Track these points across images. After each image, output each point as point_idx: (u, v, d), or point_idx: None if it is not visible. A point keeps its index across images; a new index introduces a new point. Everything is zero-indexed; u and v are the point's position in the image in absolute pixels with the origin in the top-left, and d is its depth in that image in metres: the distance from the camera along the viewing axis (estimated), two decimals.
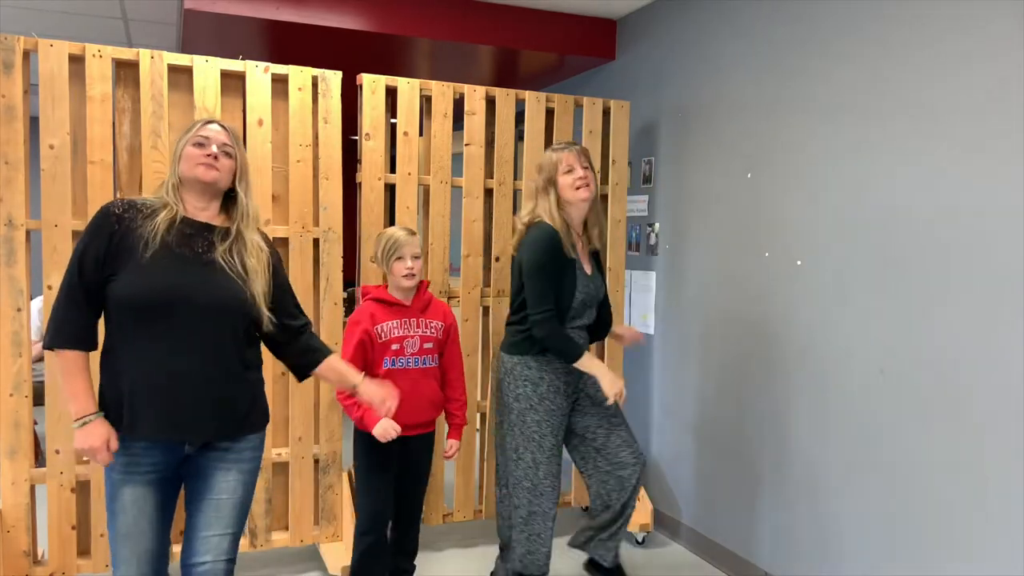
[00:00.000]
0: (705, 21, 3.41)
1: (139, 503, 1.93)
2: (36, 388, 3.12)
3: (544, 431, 2.70)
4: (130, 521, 1.93)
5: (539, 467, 2.70)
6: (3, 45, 2.68)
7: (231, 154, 2.02)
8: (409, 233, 2.68)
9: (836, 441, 2.76)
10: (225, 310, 1.94)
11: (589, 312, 2.76)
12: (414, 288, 2.69)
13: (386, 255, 2.65)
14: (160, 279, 1.87)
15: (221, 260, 1.95)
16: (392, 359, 2.65)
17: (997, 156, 2.23)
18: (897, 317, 2.53)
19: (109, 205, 1.94)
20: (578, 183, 2.64)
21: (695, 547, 3.49)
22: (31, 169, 2.78)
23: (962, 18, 2.32)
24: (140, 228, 1.90)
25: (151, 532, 1.95)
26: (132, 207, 1.94)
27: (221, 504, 1.99)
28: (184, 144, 1.98)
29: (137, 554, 1.94)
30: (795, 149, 2.94)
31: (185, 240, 1.94)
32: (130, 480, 1.92)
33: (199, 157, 1.96)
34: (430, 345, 2.71)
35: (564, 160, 2.66)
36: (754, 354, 3.14)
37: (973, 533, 2.30)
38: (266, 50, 3.99)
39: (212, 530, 1.98)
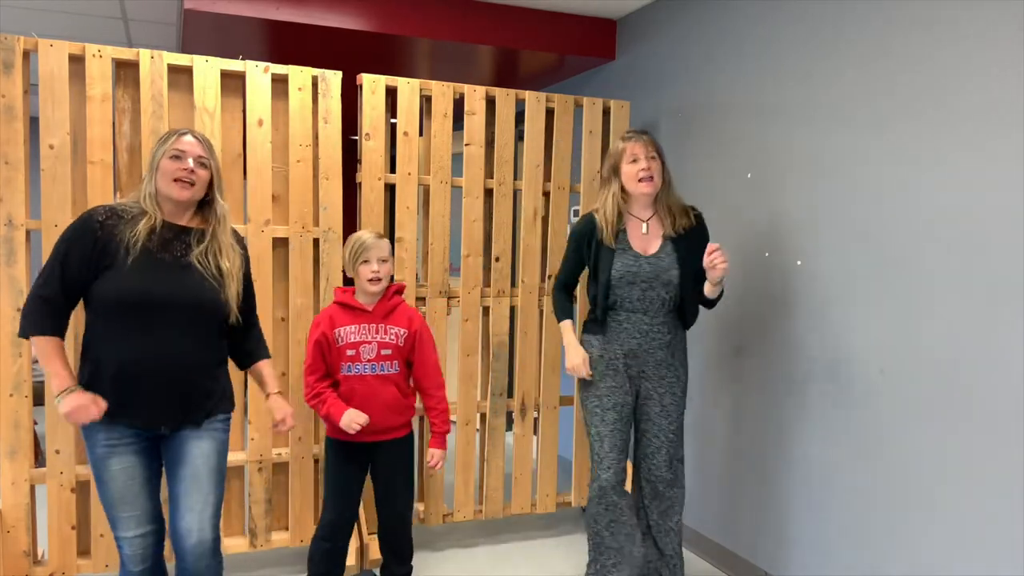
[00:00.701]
0: (705, 21, 3.41)
1: (128, 470, 2.10)
2: (36, 388, 3.11)
3: (606, 405, 2.75)
4: (121, 486, 2.10)
5: (603, 440, 2.75)
6: (3, 45, 2.68)
7: (206, 165, 2.15)
8: (377, 236, 2.65)
9: (836, 441, 2.76)
10: (199, 310, 2.12)
11: (647, 294, 2.71)
12: (380, 293, 2.66)
13: (353, 258, 2.63)
14: (141, 282, 2.03)
15: (197, 263, 2.11)
16: (348, 365, 2.63)
17: (997, 156, 2.23)
18: (897, 317, 2.53)
19: (92, 211, 2.10)
20: (640, 175, 2.67)
21: (696, 548, 3.48)
22: (31, 169, 2.79)
23: (962, 20, 2.32)
24: (121, 233, 2.05)
25: (144, 494, 2.14)
26: (113, 213, 2.11)
27: (198, 469, 2.15)
28: (160, 157, 2.10)
29: (134, 514, 2.12)
30: (795, 149, 2.94)
31: (164, 245, 2.09)
32: (114, 452, 2.09)
33: (175, 172, 2.08)
34: (388, 352, 2.66)
35: (629, 149, 2.69)
36: (754, 354, 3.14)
37: (974, 533, 2.30)
38: (266, 50, 3.99)
39: (192, 497, 2.13)
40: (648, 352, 2.76)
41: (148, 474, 2.15)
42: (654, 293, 2.72)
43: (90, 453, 2.11)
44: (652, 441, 2.83)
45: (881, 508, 2.58)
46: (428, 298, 3.31)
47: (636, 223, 2.77)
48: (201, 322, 2.13)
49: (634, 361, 2.77)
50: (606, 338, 2.76)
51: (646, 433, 2.84)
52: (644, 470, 2.87)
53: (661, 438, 2.82)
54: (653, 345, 2.76)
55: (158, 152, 2.11)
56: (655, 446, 2.82)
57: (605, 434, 2.75)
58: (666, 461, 2.83)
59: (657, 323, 2.75)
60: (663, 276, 2.72)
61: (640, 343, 2.75)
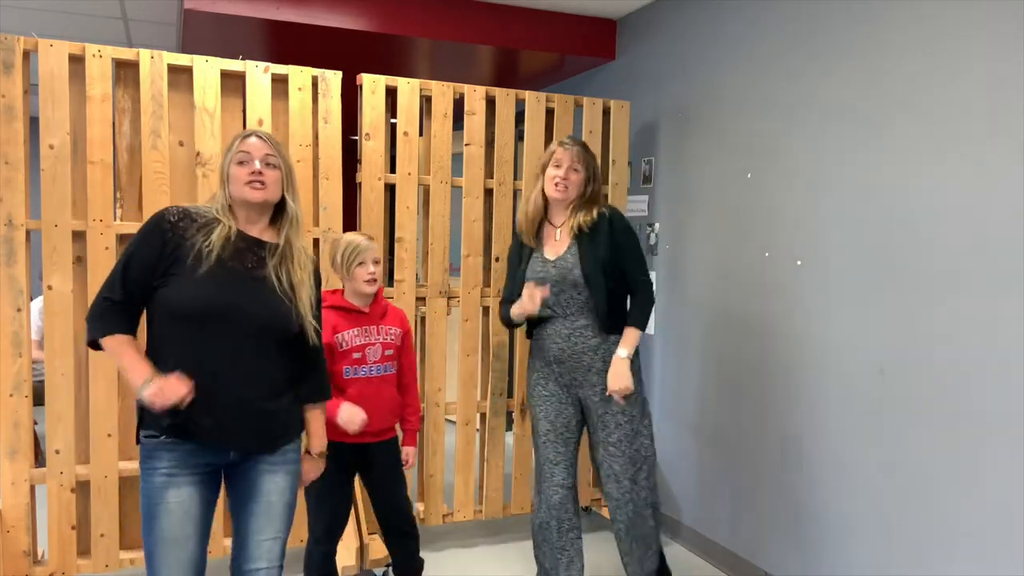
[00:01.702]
0: (705, 21, 3.41)
1: (184, 505, 1.91)
2: (36, 388, 3.11)
3: (538, 416, 2.77)
4: (175, 524, 1.89)
5: (538, 451, 2.78)
6: (3, 45, 2.68)
7: (275, 164, 2.00)
8: (369, 239, 2.66)
9: (836, 441, 2.76)
10: (271, 327, 1.97)
11: (561, 298, 2.67)
12: (373, 294, 2.67)
13: (347, 260, 2.61)
14: (213, 293, 1.90)
15: (272, 276, 1.98)
16: (354, 368, 2.62)
17: (997, 156, 2.23)
18: (897, 317, 2.53)
19: (164, 212, 1.96)
20: (556, 180, 2.69)
21: (695, 547, 3.49)
22: (31, 169, 2.78)
23: (963, 19, 2.32)
24: (193, 239, 1.92)
25: (196, 537, 1.93)
26: (186, 216, 1.95)
27: (272, 505, 2.00)
28: (228, 164, 1.98)
29: (180, 561, 1.90)
30: (795, 149, 2.94)
31: (237, 255, 1.96)
32: (175, 482, 1.90)
33: (244, 176, 1.96)
34: (391, 352, 2.68)
35: (557, 155, 2.72)
36: (754, 354, 3.14)
37: (973, 533, 2.30)
38: (266, 50, 3.99)
39: (264, 534, 2.00)
40: (574, 357, 2.68)
41: (203, 510, 1.96)
42: (566, 296, 2.68)
43: (145, 481, 1.91)
44: (599, 453, 2.74)
45: (881, 508, 2.58)
46: (428, 298, 3.31)
47: (551, 229, 2.79)
48: (272, 339, 1.98)
49: (562, 367, 2.71)
50: (537, 346, 2.79)
51: (596, 445, 2.76)
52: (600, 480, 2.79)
53: (601, 450, 2.72)
54: (577, 350, 2.67)
55: (225, 160, 1.99)
56: (599, 458, 2.75)
57: (539, 446, 2.77)
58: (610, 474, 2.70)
59: (579, 327, 2.67)
60: (568, 277, 2.67)
61: (563, 348, 2.68)
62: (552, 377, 2.74)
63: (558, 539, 2.74)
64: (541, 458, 2.75)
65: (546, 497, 2.73)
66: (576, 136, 3.57)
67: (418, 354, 3.33)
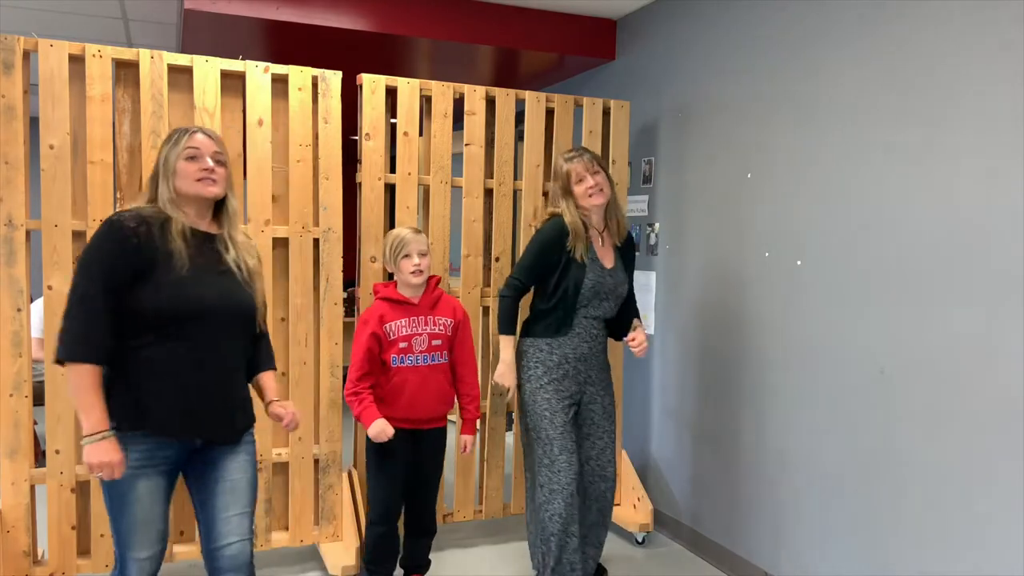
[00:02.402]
0: (705, 21, 3.41)
1: (154, 493, 2.00)
2: (36, 388, 3.11)
3: (555, 408, 2.81)
4: (146, 509, 1.99)
5: (553, 443, 2.79)
6: (3, 45, 2.68)
7: (223, 162, 2.08)
8: (415, 231, 2.76)
9: (836, 441, 2.76)
10: (241, 316, 2.07)
11: (604, 304, 2.87)
12: (423, 285, 2.76)
13: (394, 253, 2.72)
14: (194, 293, 1.96)
15: (234, 268, 2.05)
16: (400, 356, 2.71)
17: (997, 156, 2.23)
18: (897, 317, 2.53)
19: (119, 218, 1.93)
20: (590, 191, 2.80)
21: (695, 547, 3.49)
22: (31, 169, 2.78)
23: (963, 20, 2.32)
24: (157, 241, 1.94)
25: (163, 516, 2.04)
26: (142, 219, 1.95)
27: (236, 483, 2.09)
28: (176, 159, 2.01)
29: (150, 537, 2.02)
30: (795, 149, 2.94)
31: (200, 251, 2.02)
32: (143, 473, 1.97)
33: (196, 172, 2.01)
34: (439, 342, 2.77)
35: (574, 172, 2.82)
36: (754, 354, 3.14)
37: (973, 533, 2.30)
38: (266, 50, 3.99)
39: (232, 510, 2.08)
40: (595, 356, 2.90)
41: (168, 494, 2.06)
42: (608, 304, 2.89)
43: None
44: (596, 443, 2.94)
45: (881, 508, 2.58)
46: None
47: (595, 235, 2.89)
48: (242, 328, 2.08)
49: (583, 365, 2.88)
50: (558, 343, 2.84)
51: (590, 436, 2.94)
52: (588, 472, 2.96)
53: (605, 439, 2.95)
54: (598, 349, 2.91)
55: (171, 155, 2.00)
56: (599, 447, 2.94)
57: (555, 437, 2.80)
58: (610, 460, 2.97)
59: (601, 329, 2.92)
60: (619, 289, 2.91)
61: (591, 347, 2.88)
62: (570, 374, 2.86)
63: (571, 525, 2.81)
64: (558, 448, 2.79)
65: (564, 485, 2.77)
66: (576, 136, 3.58)
67: None
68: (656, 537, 3.65)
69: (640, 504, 3.57)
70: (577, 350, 2.85)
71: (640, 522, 3.53)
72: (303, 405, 3.12)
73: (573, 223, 2.80)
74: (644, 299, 3.85)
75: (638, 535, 3.55)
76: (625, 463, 3.68)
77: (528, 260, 2.86)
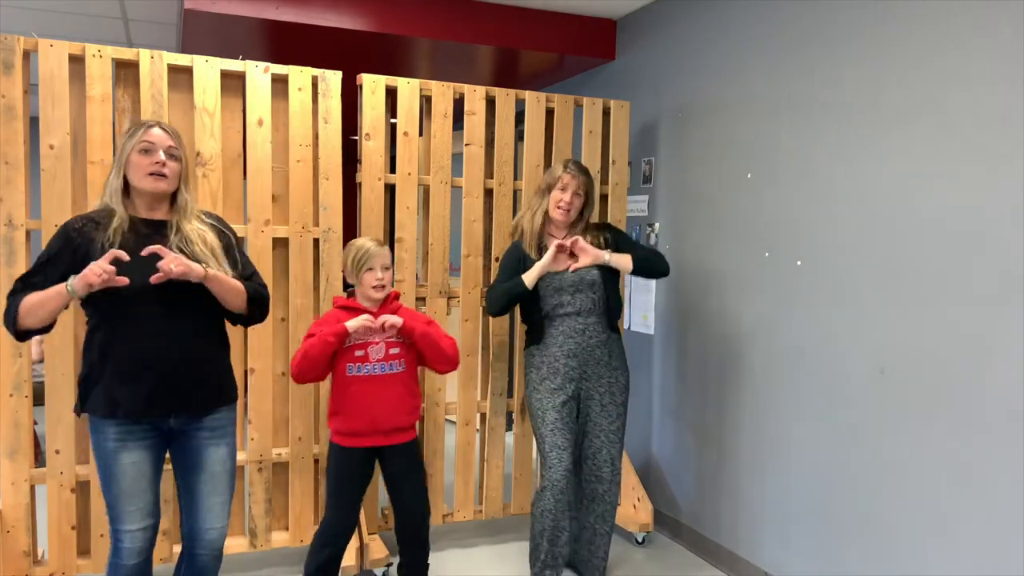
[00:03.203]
0: (705, 21, 3.41)
1: (138, 464, 2.14)
2: (36, 388, 3.11)
3: (545, 407, 2.87)
4: (131, 480, 2.13)
5: (544, 440, 2.86)
6: (3, 45, 2.68)
7: (177, 156, 2.15)
8: (379, 244, 2.67)
9: (836, 440, 2.76)
10: (182, 297, 2.11)
11: (577, 298, 2.90)
12: (383, 299, 2.69)
13: (356, 266, 2.64)
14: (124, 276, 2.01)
15: (174, 251, 2.10)
16: (357, 365, 2.63)
17: (997, 156, 2.23)
18: (897, 317, 2.53)
19: (69, 222, 2.13)
20: (560, 205, 2.91)
21: (695, 547, 3.49)
22: (31, 169, 2.78)
23: (963, 20, 2.32)
24: (97, 239, 2.07)
25: (150, 488, 2.18)
26: (89, 220, 2.12)
27: (216, 475, 2.25)
28: (130, 151, 2.10)
29: (139, 507, 2.15)
30: (795, 149, 2.94)
31: (142, 240, 2.09)
32: (125, 447, 2.12)
33: (148, 166, 2.10)
34: (396, 351, 2.67)
35: (563, 179, 2.92)
36: (754, 354, 3.14)
37: (973, 533, 2.30)
38: (266, 50, 3.99)
39: (211, 499, 2.25)
40: (587, 351, 2.91)
41: (155, 468, 2.19)
42: (582, 295, 2.91)
43: (98, 448, 2.13)
44: (593, 442, 2.96)
45: (882, 508, 2.58)
46: (428, 298, 3.31)
47: (552, 242, 2.91)
48: (193, 309, 2.15)
49: (575, 361, 2.90)
50: (545, 345, 2.92)
51: (587, 434, 2.97)
52: (585, 471, 2.99)
53: (602, 438, 2.95)
54: (591, 343, 2.91)
55: (126, 146, 2.11)
56: (596, 446, 2.96)
57: (545, 433, 2.86)
58: (607, 461, 2.96)
59: (591, 322, 2.92)
60: (586, 278, 2.91)
61: (578, 342, 2.90)
62: (561, 372, 2.88)
63: (562, 520, 2.89)
64: (549, 445, 2.84)
65: (554, 482, 2.83)
66: (576, 136, 3.58)
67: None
68: (656, 537, 3.65)
69: (640, 504, 3.57)
70: (563, 348, 2.89)
71: (640, 522, 3.53)
72: (303, 405, 3.12)
73: (532, 215, 2.95)
74: (644, 299, 3.85)
75: (638, 535, 3.55)
76: (625, 463, 3.68)
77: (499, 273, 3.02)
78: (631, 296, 3.93)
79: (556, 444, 2.84)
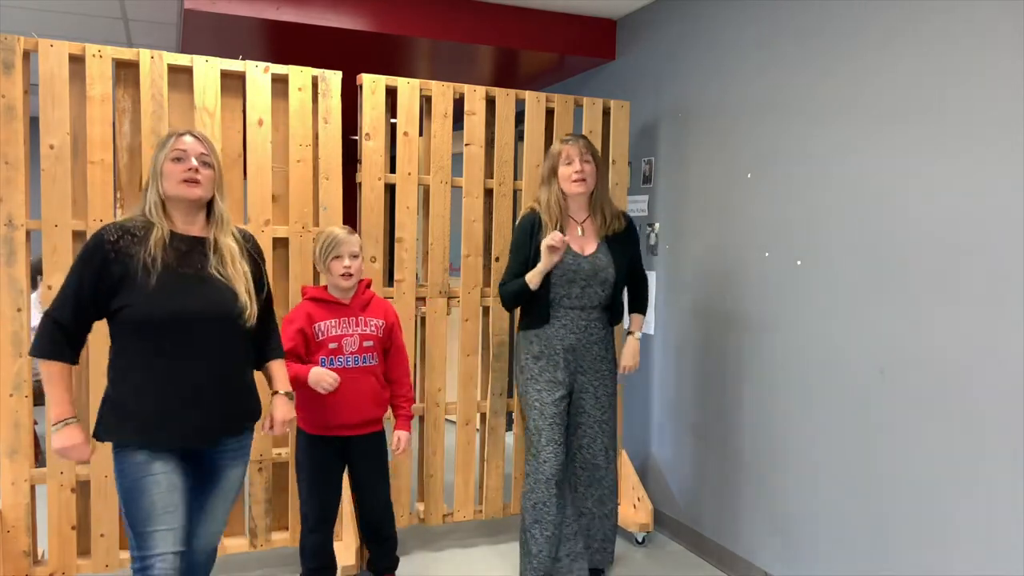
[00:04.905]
0: (705, 21, 3.41)
1: (171, 476, 1.99)
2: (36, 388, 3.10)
3: (545, 400, 2.84)
4: (164, 492, 1.96)
5: (540, 433, 2.82)
6: (3, 45, 2.68)
7: (210, 163, 2.09)
8: (348, 232, 2.69)
9: (836, 441, 2.76)
10: (227, 321, 2.06)
11: (587, 292, 2.86)
12: (353, 288, 2.71)
13: (324, 253, 2.65)
14: (172, 302, 1.97)
15: (216, 273, 2.06)
16: (330, 358, 2.65)
17: (997, 156, 2.23)
18: (897, 317, 2.53)
19: (102, 232, 2.01)
20: (574, 176, 2.81)
21: (695, 547, 3.49)
22: (31, 169, 2.78)
23: (963, 20, 2.32)
24: (137, 254, 1.98)
25: (182, 504, 2.01)
26: (125, 231, 2.01)
27: (226, 493, 2.21)
28: (163, 161, 2.04)
29: (173, 527, 1.97)
30: (795, 149, 2.94)
31: (183, 258, 2.03)
32: (157, 456, 1.99)
33: (181, 174, 2.03)
34: (370, 343, 2.71)
35: (565, 152, 2.83)
36: (754, 354, 3.14)
37: (973, 532, 2.30)
38: (266, 50, 3.99)
39: (215, 514, 2.20)
40: (586, 347, 2.89)
41: (185, 485, 2.05)
42: (592, 291, 2.87)
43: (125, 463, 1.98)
44: (587, 432, 2.94)
45: (882, 508, 2.58)
46: (428, 298, 3.31)
47: (573, 225, 2.90)
48: (232, 332, 2.08)
49: (572, 356, 2.88)
50: (546, 334, 2.87)
51: (581, 425, 2.94)
52: (580, 460, 2.97)
53: (596, 428, 2.94)
54: (591, 340, 2.90)
55: (159, 157, 2.04)
56: (590, 436, 2.94)
57: (543, 427, 2.82)
58: (602, 450, 2.95)
59: (594, 319, 2.90)
60: (601, 274, 2.87)
61: (579, 338, 2.88)
62: (560, 365, 2.87)
63: (557, 515, 2.85)
64: (546, 439, 2.81)
65: (548, 476, 2.80)
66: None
67: (417, 354, 3.34)
68: (656, 537, 3.65)
69: (640, 504, 3.57)
70: (564, 340, 2.86)
71: (640, 522, 3.53)
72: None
73: (547, 204, 2.85)
74: None
75: (638, 535, 3.55)
76: (625, 463, 3.68)
77: (509, 261, 2.94)
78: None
79: (553, 439, 2.82)
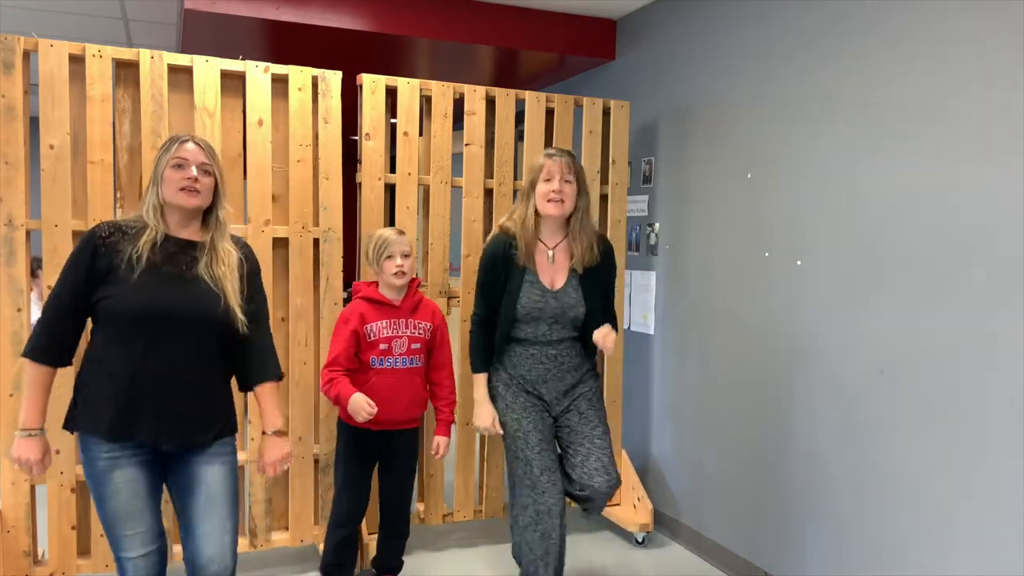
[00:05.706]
0: (705, 21, 3.41)
1: (132, 484, 1.99)
2: None
3: (526, 427, 2.63)
4: (125, 500, 1.98)
5: (532, 464, 2.60)
6: (3, 45, 2.68)
7: (210, 172, 2.10)
8: (399, 233, 2.77)
9: (836, 441, 2.76)
10: (207, 323, 2.04)
11: (554, 328, 2.64)
12: (404, 287, 2.77)
13: (377, 254, 2.73)
14: (149, 297, 1.98)
15: (204, 275, 2.05)
16: (380, 358, 2.71)
17: (997, 155, 2.23)
18: (897, 317, 2.53)
19: (96, 229, 2.04)
20: (551, 195, 2.55)
21: (695, 547, 3.48)
22: (31, 169, 2.78)
23: (963, 20, 2.32)
24: (124, 250, 2.00)
25: (148, 509, 2.02)
26: (117, 229, 2.04)
27: (212, 495, 2.05)
28: (164, 167, 2.05)
29: (139, 531, 2.00)
30: (795, 149, 2.94)
31: (170, 258, 2.04)
32: (118, 464, 1.98)
33: (180, 181, 2.04)
34: (418, 346, 2.78)
35: (546, 167, 2.57)
36: (754, 354, 3.14)
37: (972, 533, 2.30)
38: (266, 50, 3.99)
39: (208, 523, 2.04)
40: (557, 377, 2.68)
41: (151, 489, 2.04)
42: (559, 326, 2.65)
43: (89, 467, 1.99)
44: (579, 450, 2.68)
45: (881, 508, 2.58)
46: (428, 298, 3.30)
47: (543, 250, 2.64)
48: (209, 336, 2.05)
49: (544, 387, 2.68)
50: (513, 364, 2.68)
51: (571, 444, 2.70)
52: (576, 479, 2.68)
53: (587, 445, 2.68)
54: (562, 370, 2.68)
55: (161, 161, 2.05)
56: (582, 454, 2.68)
57: (533, 457, 2.60)
58: (598, 468, 2.66)
59: (564, 350, 2.68)
60: (569, 313, 2.63)
61: (549, 368, 2.67)
62: (533, 392, 2.68)
63: (560, 546, 2.66)
64: (539, 469, 2.59)
65: (550, 506, 2.59)
66: (576, 136, 3.57)
67: None
68: (656, 537, 3.65)
69: (640, 504, 3.57)
70: (532, 372, 2.66)
71: (640, 522, 3.53)
72: (303, 405, 3.12)
73: (521, 221, 2.60)
74: (644, 299, 3.85)
75: (638, 535, 3.55)
76: (625, 463, 3.68)
77: (476, 298, 2.73)
78: (630, 296, 3.93)
79: (546, 467, 2.60)
